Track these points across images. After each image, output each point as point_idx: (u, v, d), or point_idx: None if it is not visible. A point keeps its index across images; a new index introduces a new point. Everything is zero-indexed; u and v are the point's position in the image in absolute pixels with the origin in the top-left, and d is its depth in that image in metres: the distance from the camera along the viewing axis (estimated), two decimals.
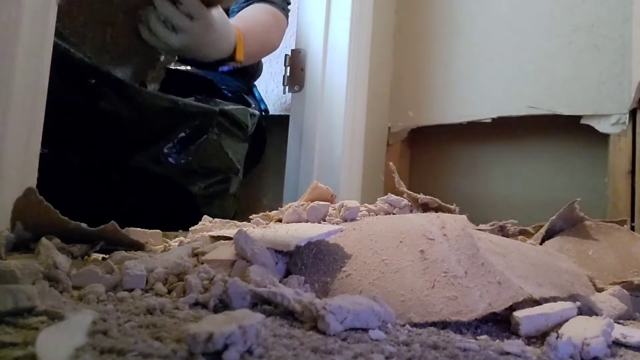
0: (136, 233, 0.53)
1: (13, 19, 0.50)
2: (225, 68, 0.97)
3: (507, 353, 0.30)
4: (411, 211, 0.62)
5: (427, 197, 0.62)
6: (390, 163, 0.74)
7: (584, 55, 1.61)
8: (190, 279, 0.37)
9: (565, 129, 1.66)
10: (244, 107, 0.98)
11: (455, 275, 0.39)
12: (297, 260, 0.43)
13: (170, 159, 0.82)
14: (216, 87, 1.01)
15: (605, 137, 1.57)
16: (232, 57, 0.92)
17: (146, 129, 0.79)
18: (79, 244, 0.47)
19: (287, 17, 1.18)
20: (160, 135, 0.81)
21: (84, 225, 0.47)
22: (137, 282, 0.39)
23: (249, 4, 1.11)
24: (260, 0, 1.12)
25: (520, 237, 0.66)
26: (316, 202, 0.58)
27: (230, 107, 0.93)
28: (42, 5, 0.54)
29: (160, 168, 0.80)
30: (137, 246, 0.50)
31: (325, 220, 0.56)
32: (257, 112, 1.03)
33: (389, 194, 0.64)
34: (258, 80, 1.24)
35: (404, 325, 0.35)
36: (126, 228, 0.53)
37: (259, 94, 1.19)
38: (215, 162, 0.89)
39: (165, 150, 0.81)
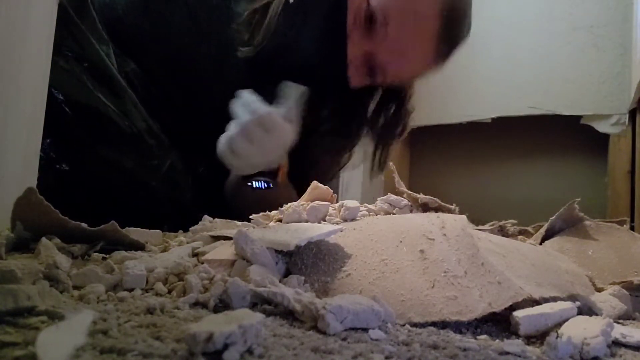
0: (136, 233, 0.53)
1: (14, 19, 0.50)
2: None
3: (507, 353, 0.30)
4: (411, 211, 0.62)
5: (427, 197, 0.62)
6: (390, 163, 0.74)
7: (584, 55, 1.61)
8: (190, 279, 0.37)
9: (565, 129, 1.66)
10: None
11: (455, 275, 0.39)
12: (297, 260, 0.43)
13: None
14: None
15: (605, 137, 1.58)
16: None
17: None
18: (79, 243, 0.47)
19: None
20: None
21: (84, 225, 0.47)
22: (137, 281, 0.39)
23: None
24: None
25: (520, 237, 0.66)
26: (316, 202, 0.58)
27: None
28: (43, 6, 0.55)
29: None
30: (137, 246, 0.50)
31: (325, 220, 0.56)
32: None
33: (389, 194, 0.64)
34: None
35: (403, 325, 0.35)
36: (126, 228, 0.53)
37: None
38: None
39: None
